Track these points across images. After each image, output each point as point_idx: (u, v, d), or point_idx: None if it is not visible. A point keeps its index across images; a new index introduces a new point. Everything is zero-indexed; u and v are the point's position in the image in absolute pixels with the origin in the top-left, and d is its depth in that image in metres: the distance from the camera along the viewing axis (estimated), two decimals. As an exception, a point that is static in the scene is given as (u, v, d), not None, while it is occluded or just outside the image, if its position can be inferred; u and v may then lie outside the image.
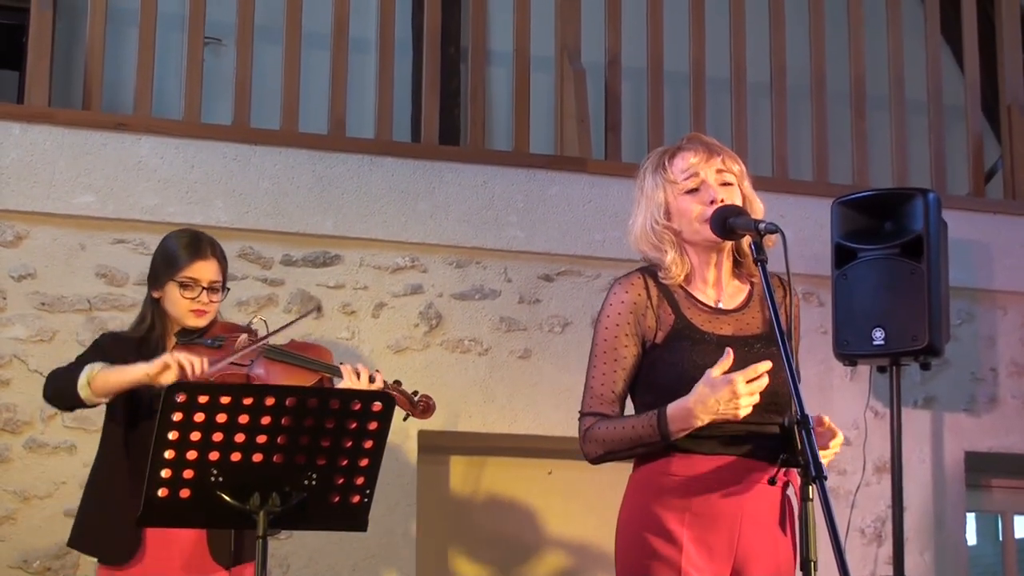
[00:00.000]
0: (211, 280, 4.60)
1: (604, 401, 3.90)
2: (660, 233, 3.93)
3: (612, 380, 3.90)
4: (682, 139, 4.05)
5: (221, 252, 4.68)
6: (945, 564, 6.71)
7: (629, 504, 3.91)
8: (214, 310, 4.63)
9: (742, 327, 3.91)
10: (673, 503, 3.79)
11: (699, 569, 3.75)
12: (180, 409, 3.72)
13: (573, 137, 6.64)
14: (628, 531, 3.88)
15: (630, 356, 3.90)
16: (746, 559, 3.79)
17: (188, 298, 4.57)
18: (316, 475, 3.87)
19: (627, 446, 3.82)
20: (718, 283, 3.97)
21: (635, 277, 3.95)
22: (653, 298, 3.91)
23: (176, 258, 4.61)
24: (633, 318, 3.89)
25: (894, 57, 7.15)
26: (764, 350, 3.85)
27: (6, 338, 5.75)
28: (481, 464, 6.55)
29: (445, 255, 6.30)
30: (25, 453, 5.70)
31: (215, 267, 4.62)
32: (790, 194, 6.65)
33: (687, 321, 3.88)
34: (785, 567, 3.84)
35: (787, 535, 3.86)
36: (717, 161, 3.94)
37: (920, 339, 5.95)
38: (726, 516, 3.78)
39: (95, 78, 6.13)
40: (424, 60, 6.65)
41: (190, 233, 4.75)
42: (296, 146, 6.20)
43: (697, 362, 3.78)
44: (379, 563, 5.99)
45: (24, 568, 5.62)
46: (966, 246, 6.77)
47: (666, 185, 3.93)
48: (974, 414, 6.87)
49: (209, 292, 4.59)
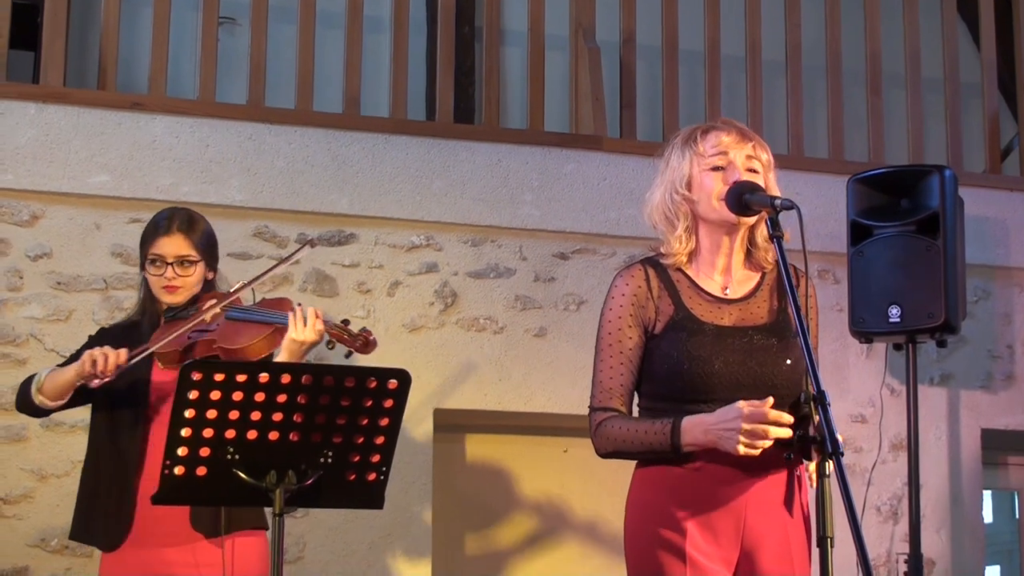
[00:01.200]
0: (177, 255, 4.56)
1: (613, 395, 3.90)
2: (677, 203, 3.92)
3: (619, 373, 3.90)
4: (717, 120, 4.04)
5: (194, 227, 4.63)
6: (961, 541, 6.70)
7: (635, 495, 3.92)
8: (187, 284, 4.58)
9: (745, 317, 3.90)
10: (677, 489, 3.79)
11: (705, 554, 3.75)
12: (196, 387, 3.73)
13: (588, 115, 6.63)
14: (634, 519, 3.89)
15: (635, 348, 3.90)
16: (754, 543, 3.78)
17: (156, 275, 4.57)
18: (332, 453, 3.88)
19: (637, 449, 3.83)
20: (727, 270, 3.95)
21: (636, 269, 3.95)
22: (654, 289, 3.90)
23: (146, 237, 4.64)
24: (635, 309, 3.89)
25: (910, 34, 7.13)
26: (764, 341, 3.85)
27: (22, 317, 5.77)
28: (497, 442, 6.55)
29: (460, 233, 6.30)
30: (42, 432, 5.72)
31: (181, 241, 4.57)
32: (806, 172, 6.64)
33: (687, 311, 3.87)
34: (797, 548, 3.83)
35: (796, 516, 3.85)
36: (748, 147, 3.93)
37: (936, 316, 5.94)
38: (731, 500, 3.77)
39: (110, 58, 6.14)
40: (439, 39, 6.65)
41: (168, 211, 4.73)
42: (311, 125, 6.20)
43: (692, 353, 3.79)
44: (395, 541, 6.00)
45: (42, 546, 5.64)
46: (982, 223, 6.76)
47: (694, 157, 3.92)
48: (990, 391, 6.86)
49: (176, 267, 4.56)
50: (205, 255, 4.64)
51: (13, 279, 5.78)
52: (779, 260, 3.66)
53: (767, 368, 3.78)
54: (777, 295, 3.95)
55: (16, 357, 5.73)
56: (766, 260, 3.97)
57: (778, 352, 3.83)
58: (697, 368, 3.78)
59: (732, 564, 3.79)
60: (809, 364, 3.46)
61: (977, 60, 7.39)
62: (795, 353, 3.83)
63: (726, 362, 3.78)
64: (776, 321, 3.90)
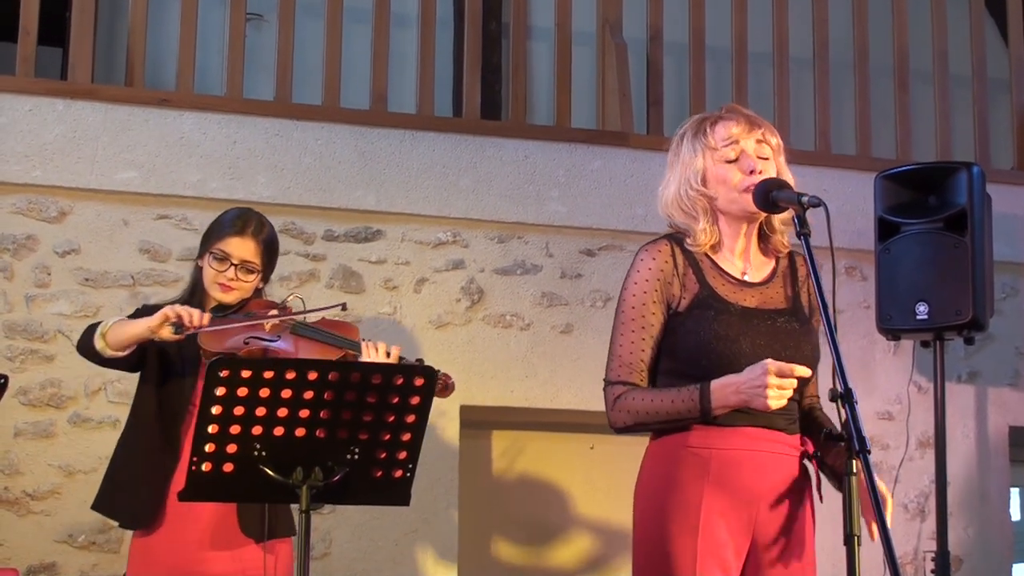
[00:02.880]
0: (243, 258, 4.55)
1: (633, 369, 3.88)
2: (694, 199, 3.92)
3: (640, 348, 3.88)
4: (721, 108, 4.04)
5: (267, 236, 4.63)
6: (989, 539, 6.69)
7: (647, 476, 3.89)
8: (243, 288, 4.57)
9: (766, 300, 3.90)
10: (691, 475, 3.77)
11: (716, 542, 3.74)
12: (224, 384, 3.73)
13: (615, 112, 6.62)
14: (645, 504, 3.86)
15: (657, 324, 3.88)
16: (766, 531, 3.78)
17: (216, 270, 4.55)
18: (359, 449, 3.88)
19: (661, 419, 3.80)
20: (745, 254, 3.96)
21: (662, 244, 3.93)
22: (679, 266, 3.89)
23: (217, 230, 4.60)
24: (660, 285, 3.88)
25: (938, 30, 7.11)
26: (787, 324, 3.86)
27: (50, 313, 5.79)
28: (523, 439, 6.55)
29: (487, 230, 6.30)
30: (70, 428, 5.74)
31: (252, 247, 4.57)
32: (833, 168, 6.63)
33: (712, 290, 3.86)
34: (806, 538, 3.84)
35: (805, 506, 3.85)
36: (757, 133, 3.94)
37: (964, 313, 5.92)
38: (745, 489, 3.77)
39: (138, 54, 6.15)
40: (466, 35, 6.65)
41: (244, 211, 4.71)
42: (338, 121, 6.20)
43: (719, 332, 3.78)
44: (421, 537, 6.00)
45: (69, 543, 5.66)
46: (1010, 220, 6.74)
47: (706, 151, 3.92)
48: (1018, 388, 6.84)
49: (239, 269, 4.55)
50: (266, 267, 4.66)
51: (41, 275, 5.80)
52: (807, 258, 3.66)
53: (791, 351, 3.77)
54: (791, 282, 3.96)
55: (44, 353, 5.75)
56: (782, 244, 3.98)
57: (800, 336, 3.84)
58: (724, 347, 3.77)
59: (743, 553, 3.78)
60: (836, 361, 3.46)
61: (1005, 56, 7.37)
62: (812, 340, 3.87)
63: (753, 343, 3.78)
64: (794, 306, 3.92)
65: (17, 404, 5.68)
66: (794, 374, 3.62)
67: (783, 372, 3.61)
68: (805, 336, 3.85)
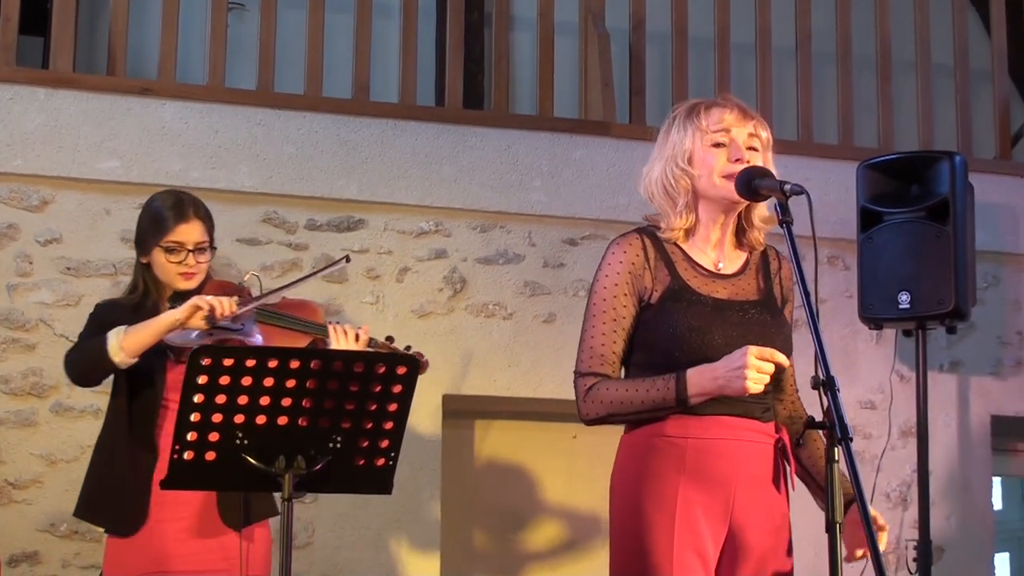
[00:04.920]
0: (196, 242, 4.54)
1: (604, 361, 3.87)
2: (678, 178, 3.90)
3: (612, 340, 3.87)
4: (718, 96, 4.04)
5: (205, 211, 4.61)
6: (971, 528, 6.71)
7: (621, 466, 3.88)
8: (203, 271, 4.57)
9: (738, 292, 3.90)
10: (667, 465, 3.76)
11: (693, 531, 3.72)
12: (205, 372, 3.73)
13: (597, 101, 6.62)
14: (621, 494, 3.85)
15: (628, 316, 3.87)
16: (742, 519, 3.77)
17: (174, 262, 4.53)
18: (341, 438, 3.88)
19: (635, 409, 3.78)
20: (720, 245, 3.94)
21: (632, 237, 3.93)
22: (651, 258, 3.88)
23: (160, 222, 4.55)
24: (631, 278, 3.86)
25: (920, 19, 7.12)
26: (758, 316, 3.85)
27: (32, 302, 5.78)
28: (506, 428, 6.55)
29: (469, 219, 6.30)
30: (51, 417, 5.73)
31: (199, 228, 4.55)
32: (815, 157, 6.64)
33: (683, 282, 3.86)
34: (782, 525, 3.84)
35: (781, 492, 3.85)
36: (749, 125, 3.92)
37: (946, 303, 5.94)
38: (721, 476, 3.76)
39: (119, 43, 6.14)
40: (448, 24, 6.64)
41: (173, 195, 4.67)
42: (320, 111, 6.20)
43: (692, 324, 3.78)
44: (403, 526, 6.00)
45: (51, 531, 5.65)
46: (992, 209, 6.75)
47: (696, 133, 3.91)
48: (1000, 378, 6.86)
49: (195, 254, 4.53)
50: (211, 242, 4.64)
51: (23, 264, 5.79)
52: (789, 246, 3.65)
53: (763, 342, 3.75)
54: (763, 275, 3.96)
55: (26, 342, 5.75)
56: (757, 240, 3.97)
57: (772, 328, 3.84)
58: (697, 339, 3.76)
59: (720, 540, 3.77)
60: (819, 349, 3.46)
61: (988, 46, 7.38)
62: (785, 331, 3.87)
63: (725, 334, 3.77)
64: (766, 299, 3.92)
65: (-1, 393, 5.68)
66: (774, 359, 3.62)
67: (763, 356, 3.62)
68: (777, 328, 3.85)
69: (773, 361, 3.62)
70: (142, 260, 4.64)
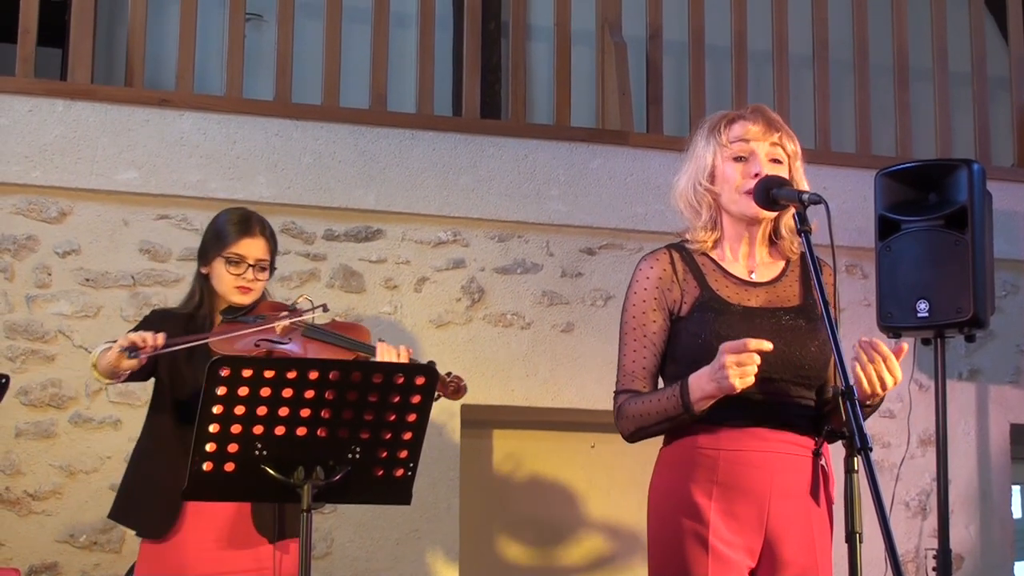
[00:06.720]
0: (258, 258, 4.59)
1: (635, 378, 3.88)
2: (700, 194, 3.91)
3: (643, 356, 3.88)
4: (746, 108, 4.01)
5: (271, 232, 4.67)
6: (991, 537, 6.69)
7: (657, 481, 3.89)
8: (259, 288, 4.61)
9: (772, 299, 3.88)
10: (701, 477, 3.76)
11: (728, 543, 3.73)
12: (224, 383, 3.73)
13: (615, 110, 6.62)
14: (657, 509, 3.86)
15: (659, 331, 3.88)
16: (778, 531, 3.76)
17: (234, 274, 4.56)
18: (360, 448, 3.88)
19: (655, 420, 3.79)
20: (750, 256, 3.94)
21: (660, 253, 3.94)
22: (679, 272, 3.89)
23: (225, 234, 4.60)
24: (659, 292, 3.88)
25: (937, 28, 7.11)
26: (792, 322, 3.82)
27: (51, 314, 5.79)
28: (524, 438, 6.55)
29: (487, 229, 6.30)
30: (71, 428, 5.74)
31: (263, 245, 4.61)
32: (833, 166, 6.63)
33: (712, 292, 3.85)
34: (821, 538, 3.81)
35: (821, 506, 3.83)
36: (773, 136, 3.89)
37: (965, 311, 5.92)
38: (755, 488, 3.75)
39: (137, 55, 6.15)
40: (465, 34, 6.65)
41: (241, 211, 4.74)
42: (338, 121, 6.20)
43: (721, 333, 3.75)
44: (423, 536, 6.00)
45: (71, 543, 5.66)
46: (1011, 217, 6.74)
47: (717, 148, 3.90)
48: (1019, 386, 6.84)
49: (255, 270, 4.58)
50: (273, 263, 4.68)
51: (42, 276, 5.80)
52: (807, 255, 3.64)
53: (795, 349, 3.75)
54: (803, 283, 3.93)
55: (45, 353, 5.75)
56: (791, 250, 3.95)
57: (806, 334, 3.81)
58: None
59: (756, 553, 3.77)
60: (838, 358, 3.45)
61: (1005, 53, 7.37)
62: (821, 337, 3.82)
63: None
64: (805, 304, 3.89)
65: (18, 404, 5.68)
66: (748, 348, 3.56)
67: (737, 349, 3.57)
68: (811, 334, 3.82)
69: (757, 350, 3.56)
70: (202, 270, 4.67)
